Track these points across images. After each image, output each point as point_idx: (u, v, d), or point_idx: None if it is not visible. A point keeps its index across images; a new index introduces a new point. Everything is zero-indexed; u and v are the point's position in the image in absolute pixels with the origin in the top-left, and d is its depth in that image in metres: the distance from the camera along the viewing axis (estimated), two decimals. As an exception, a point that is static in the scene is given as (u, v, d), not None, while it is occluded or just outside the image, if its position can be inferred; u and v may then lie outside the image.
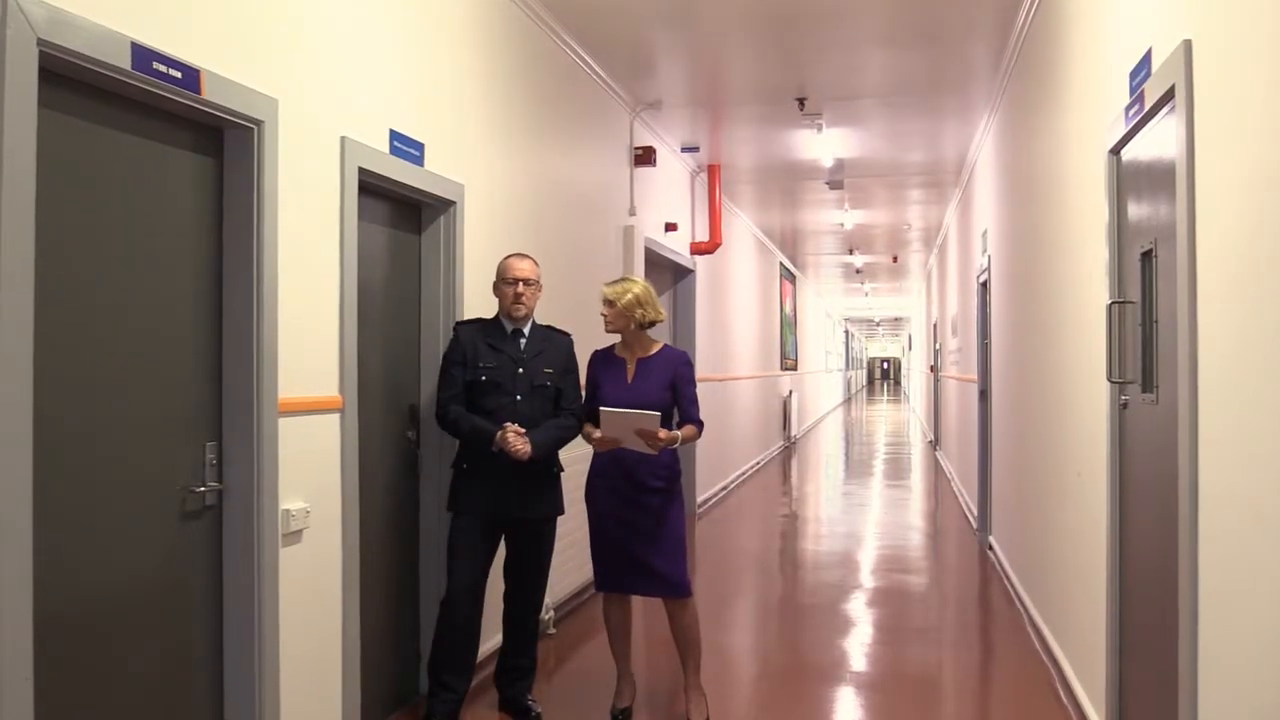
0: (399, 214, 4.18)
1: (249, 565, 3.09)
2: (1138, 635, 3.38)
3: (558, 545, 4.37)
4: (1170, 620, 2.84)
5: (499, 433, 3.93)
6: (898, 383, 61.30)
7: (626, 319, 4.18)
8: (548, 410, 4.10)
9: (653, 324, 4.23)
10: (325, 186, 3.46)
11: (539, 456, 4.02)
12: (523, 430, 3.96)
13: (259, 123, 3.07)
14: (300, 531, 3.32)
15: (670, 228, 8.51)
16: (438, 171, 4.21)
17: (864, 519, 9.70)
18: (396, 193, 4.04)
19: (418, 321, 4.32)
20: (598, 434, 4.07)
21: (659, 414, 3.99)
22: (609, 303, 4.19)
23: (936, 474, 13.26)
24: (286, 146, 3.21)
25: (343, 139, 3.53)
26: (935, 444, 15.95)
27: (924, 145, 8.87)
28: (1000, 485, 7.16)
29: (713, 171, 9.59)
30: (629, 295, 4.17)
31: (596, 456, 4.25)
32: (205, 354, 3.03)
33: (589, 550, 4.32)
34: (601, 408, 4.00)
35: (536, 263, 4.21)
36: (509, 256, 4.19)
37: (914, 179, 10.48)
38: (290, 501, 3.26)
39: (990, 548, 7.61)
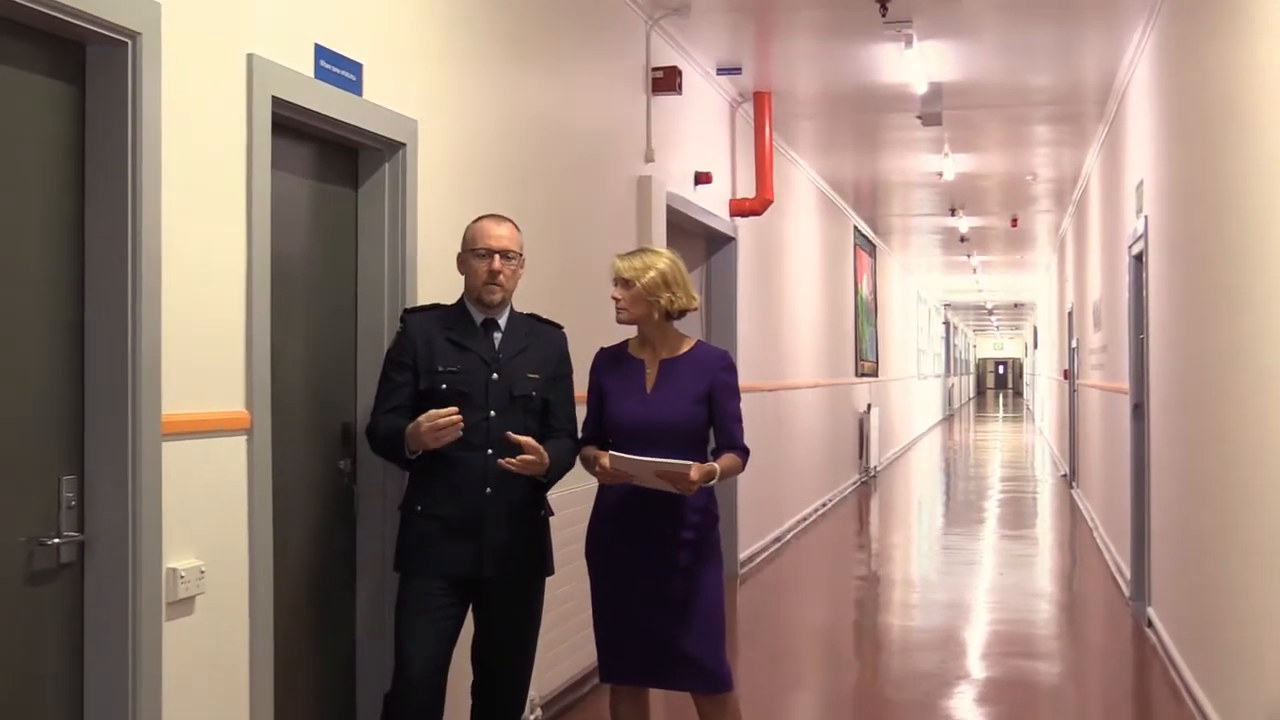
0: (329, 160, 4.19)
1: (120, 644, 3.08)
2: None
3: (546, 618, 4.37)
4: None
5: (422, 426, 3.83)
6: (1018, 393, 61.20)
7: (648, 305, 4.17)
8: (533, 431, 4.09)
9: (683, 313, 4.22)
10: (226, 122, 3.46)
11: (552, 481, 4.08)
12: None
13: (134, 35, 3.07)
14: (192, 599, 3.31)
15: (702, 179, 8.50)
16: (381, 102, 4.22)
17: (972, 583, 9.67)
18: (325, 131, 4.04)
19: (354, 309, 4.32)
20: (605, 458, 4.06)
21: (691, 464, 3.98)
22: (624, 283, 4.18)
23: (1073, 520, 13.22)
24: (172, 68, 3.20)
25: (250, 57, 3.53)
26: (1071, 479, 15.91)
27: (1054, 64, 8.82)
28: (1164, 537, 7.12)
29: (760, 102, 9.57)
30: (652, 272, 4.16)
31: (603, 493, 4.24)
32: (61, 354, 3.03)
33: (590, 625, 4.31)
34: (612, 453, 3.99)
35: (519, 228, 4.21)
36: (481, 219, 4.19)
37: (1040, 111, 10.44)
38: (178, 557, 3.25)
39: (1149, 623, 7.58)
